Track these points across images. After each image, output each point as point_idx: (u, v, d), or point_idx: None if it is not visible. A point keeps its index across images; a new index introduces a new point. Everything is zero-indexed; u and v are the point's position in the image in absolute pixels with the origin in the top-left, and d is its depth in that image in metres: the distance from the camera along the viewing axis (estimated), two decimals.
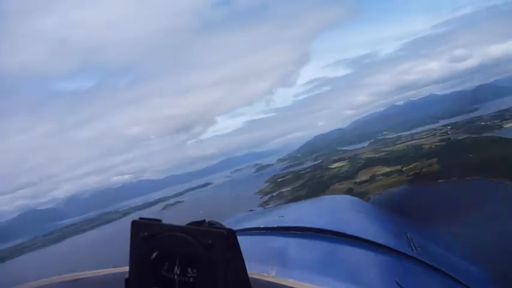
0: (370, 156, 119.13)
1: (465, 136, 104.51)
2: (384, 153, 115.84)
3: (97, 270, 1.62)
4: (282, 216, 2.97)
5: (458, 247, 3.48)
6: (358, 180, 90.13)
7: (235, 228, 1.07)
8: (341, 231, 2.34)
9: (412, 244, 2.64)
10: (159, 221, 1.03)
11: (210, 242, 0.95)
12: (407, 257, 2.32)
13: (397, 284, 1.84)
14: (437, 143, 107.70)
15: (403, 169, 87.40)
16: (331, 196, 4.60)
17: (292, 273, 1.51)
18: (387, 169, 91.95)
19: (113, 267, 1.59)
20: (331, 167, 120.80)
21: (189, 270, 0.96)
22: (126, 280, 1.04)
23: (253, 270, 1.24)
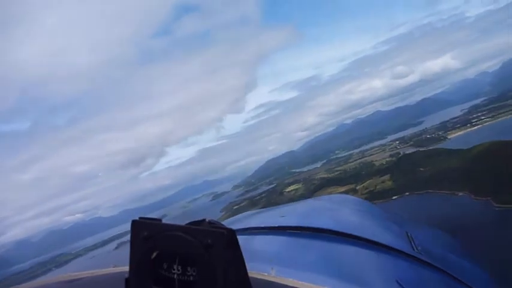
0: (324, 176, 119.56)
1: (414, 150, 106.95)
2: (337, 173, 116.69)
3: (97, 270, 1.61)
4: (282, 216, 2.95)
5: (458, 246, 3.38)
6: None
7: (235, 227, 1.07)
8: (341, 230, 2.36)
9: (412, 243, 2.61)
10: (159, 220, 1.03)
11: (210, 241, 0.95)
12: (408, 256, 2.33)
13: (398, 283, 1.85)
14: (388, 159, 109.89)
15: (357, 188, 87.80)
16: (331, 195, 4.54)
17: (292, 272, 1.49)
18: (341, 189, 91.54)
19: (113, 267, 1.58)
20: (286, 190, 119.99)
21: (189, 269, 0.96)
22: (126, 280, 1.04)
23: (254, 270, 1.24)
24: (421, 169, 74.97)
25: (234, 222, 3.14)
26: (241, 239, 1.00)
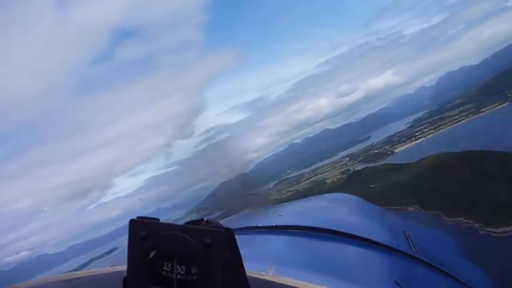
0: (276, 197, 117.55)
1: (363, 166, 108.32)
2: (289, 193, 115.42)
3: (95, 269, 1.62)
4: (281, 215, 3.01)
5: (456, 246, 3.36)
6: None
7: (233, 227, 1.07)
8: (339, 230, 2.36)
9: (410, 243, 2.61)
10: (157, 219, 1.03)
11: (208, 241, 0.94)
12: (406, 255, 2.34)
13: (396, 282, 1.84)
14: (339, 176, 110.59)
15: None
16: (329, 195, 4.46)
17: (290, 272, 1.51)
18: None
19: (111, 266, 1.59)
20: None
21: (187, 269, 0.96)
22: (124, 279, 1.04)
23: (252, 269, 1.24)
24: (371, 185, 75.02)
25: (232, 222, 3.15)
26: (239, 238, 1.00)
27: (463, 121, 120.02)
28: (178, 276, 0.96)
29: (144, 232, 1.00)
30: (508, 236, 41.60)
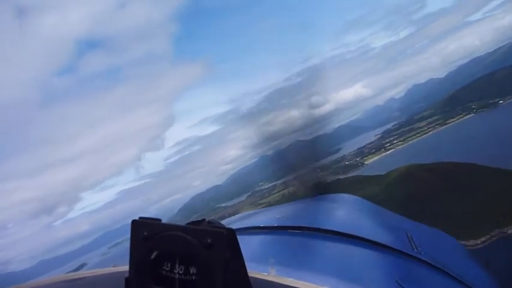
0: (248, 211, 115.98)
1: (334, 178, 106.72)
2: (261, 206, 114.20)
3: (97, 270, 1.63)
4: (282, 216, 2.98)
5: (458, 247, 3.44)
6: None
7: (235, 227, 1.08)
8: (341, 230, 2.38)
9: (412, 243, 2.65)
10: (159, 220, 1.03)
11: (209, 241, 0.95)
12: (408, 256, 2.36)
13: (398, 283, 1.86)
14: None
15: None
16: (331, 195, 3.94)
17: (291, 272, 1.51)
18: None
19: (113, 267, 1.59)
20: None
21: (189, 269, 0.96)
22: (126, 279, 1.04)
23: (253, 270, 1.25)
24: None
25: (233, 222, 3.10)
26: (240, 238, 1.01)
27: (431, 132, 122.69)
28: (180, 277, 0.97)
29: (145, 232, 1.01)
30: (479, 248, 41.75)
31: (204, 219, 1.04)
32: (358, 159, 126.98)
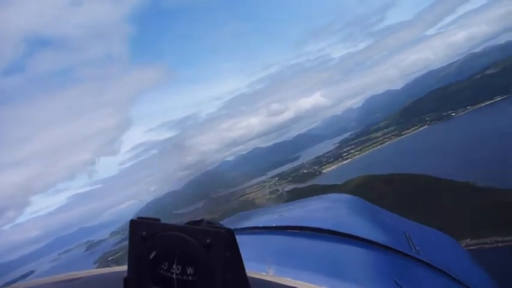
0: (204, 218, 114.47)
1: (292, 186, 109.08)
2: (218, 213, 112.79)
3: (95, 270, 1.63)
4: (281, 216, 2.97)
5: (456, 246, 3.44)
6: None
7: (233, 227, 1.08)
8: (339, 230, 2.38)
9: (410, 243, 2.63)
10: (158, 220, 1.03)
11: (208, 241, 0.95)
12: (406, 256, 2.36)
13: (396, 283, 1.86)
14: (268, 196, 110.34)
15: None
16: (329, 195, 4.14)
17: (290, 272, 1.52)
18: None
19: (112, 267, 1.60)
20: None
21: (188, 269, 0.97)
22: (125, 279, 1.05)
23: (252, 270, 1.25)
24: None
25: (232, 222, 3.10)
26: (239, 238, 1.01)
27: (387, 143, 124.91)
28: (179, 277, 0.97)
29: (144, 232, 1.01)
30: None
31: (203, 219, 1.03)
32: (316, 167, 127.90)
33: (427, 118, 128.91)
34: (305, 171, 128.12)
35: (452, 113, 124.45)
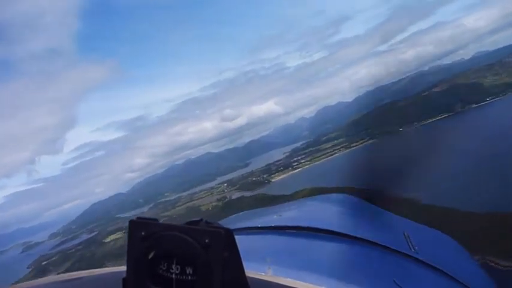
0: None
1: (240, 194, 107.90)
2: (162, 220, 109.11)
3: (94, 270, 1.62)
4: (280, 216, 3.00)
5: (456, 246, 3.43)
6: None
7: (232, 227, 1.09)
8: (339, 230, 2.39)
9: (409, 243, 2.65)
10: (156, 220, 1.03)
11: (207, 241, 0.95)
12: (405, 256, 2.37)
13: (395, 283, 1.88)
14: (215, 203, 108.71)
15: None
16: (328, 195, 4.14)
17: (289, 272, 1.52)
18: None
19: (111, 267, 1.61)
20: (106, 240, 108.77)
21: (187, 269, 0.96)
22: (124, 280, 1.04)
23: (251, 270, 1.25)
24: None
25: (231, 222, 3.12)
26: (238, 238, 1.01)
27: (336, 155, 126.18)
28: (178, 277, 0.97)
29: (143, 232, 1.00)
30: None
31: (201, 219, 1.03)
32: (265, 176, 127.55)
33: (375, 132, 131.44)
34: (254, 179, 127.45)
35: (400, 128, 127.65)
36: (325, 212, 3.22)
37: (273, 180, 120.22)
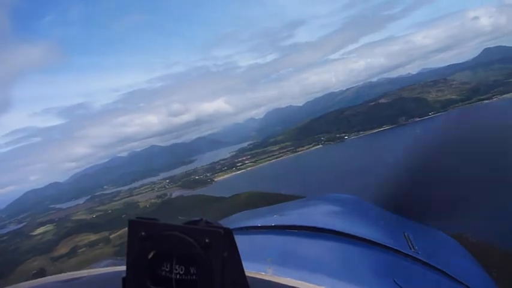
0: (81, 218, 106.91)
1: (180, 192, 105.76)
2: (97, 214, 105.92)
3: (94, 269, 1.62)
4: (280, 215, 2.92)
5: (456, 246, 3.33)
6: (56, 253, 75.55)
7: (232, 227, 1.10)
8: (339, 229, 2.34)
9: (409, 243, 2.60)
10: (156, 220, 1.02)
11: (207, 241, 0.94)
12: (405, 255, 2.32)
13: (395, 283, 1.85)
14: (153, 200, 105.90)
15: (111, 236, 78.71)
16: (329, 195, 3.78)
17: (289, 272, 1.51)
18: (93, 237, 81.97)
19: (110, 267, 1.61)
20: (34, 233, 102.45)
21: (186, 269, 0.96)
22: (123, 279, 1.03)
23: (251, 269, 1.24)
24: (181, 217, 70.18)
25: (231, 222, 2.95)
26: (238, 238, 1.01)
27: (281, 158, 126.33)
28: (178, 277, 0.97)
29: (143, 232, 1.00)
30: None
31: (201, 219, 1.03)
32: (209, 174, 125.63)
33: (322, 138, 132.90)
34: (197, 177, 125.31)
35: (346, 136, 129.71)
36: (325, 212, 3.13)
37: (215, 179, 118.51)
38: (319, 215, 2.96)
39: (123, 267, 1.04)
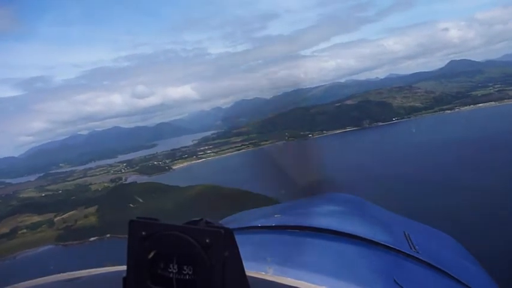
0: (29, 195, 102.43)
1: (135, 177, 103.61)
2: (46, 193, 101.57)
3: (94, 269, 1.63)
4: (280, 215, 2.99)
5: (456, 246, 3.45)
6: None
7: (232, 227, 1.10)
8: (339, 229, 2.40)
9: (410, 243, 2.65)
10: (157, 220, 1.04)
11: (207, 241, 0.96)
12: (406, 255, 2.38)
13: (396, 282, 1.91)
14: (107, 184, 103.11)
15: (56, 219, 75.93)
16: (329, 194, 3.87)
17: (290, 272, 1.54)
18: (37, 218, 78.15)
19: (111, 266, 1.61)
20: None
21: (187, 269, 0.97)
22: (124, 279, 1.05)
23: (251, 269, 1.26)
24: (132, 205, 68.27)
25: (231, 221, 3.12)
26: (238, 238, 1.01)
27: (243, 150, 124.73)
28: (178, 276, 0.97)
29: (143, 232, 1.01)
30: None
31: (202, 219, 1.04)
32: (168, 161, 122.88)
33: (286, 134, 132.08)
34: (155, 163, 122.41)
35: (309, 134, 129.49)
36: (325, 212, 3.12)
37: (174, 167, 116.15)
38: (319, 214, 2.89)
39: (124, 267, 1.04)
